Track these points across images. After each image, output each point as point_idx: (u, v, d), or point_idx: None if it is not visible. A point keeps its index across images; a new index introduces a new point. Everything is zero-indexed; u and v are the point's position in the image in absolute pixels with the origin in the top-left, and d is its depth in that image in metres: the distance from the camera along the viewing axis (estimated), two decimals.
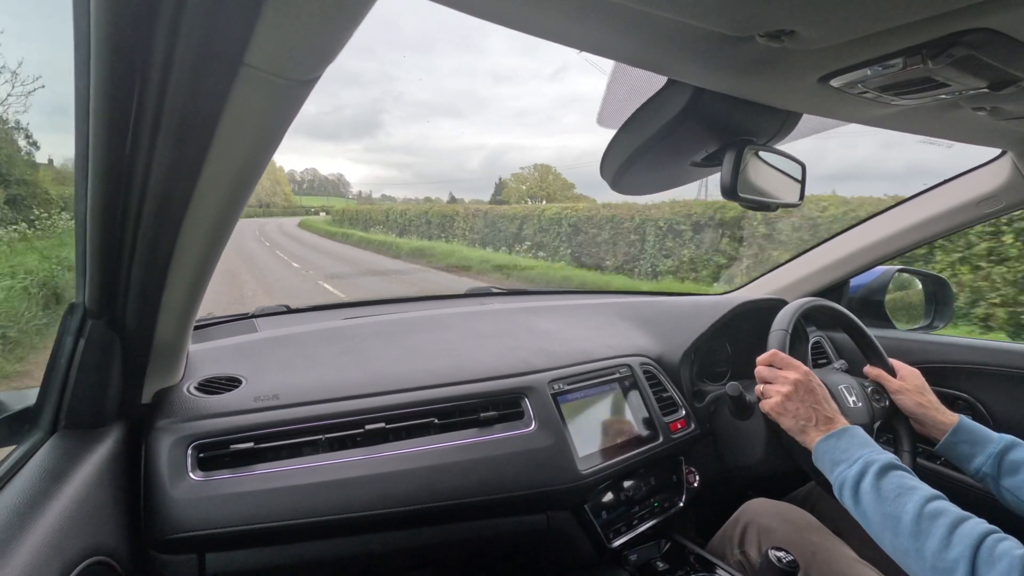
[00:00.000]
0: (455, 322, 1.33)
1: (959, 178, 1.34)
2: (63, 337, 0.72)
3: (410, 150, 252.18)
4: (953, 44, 0.54)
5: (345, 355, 1.10)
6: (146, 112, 0.46)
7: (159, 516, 0.78)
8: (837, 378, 1.10)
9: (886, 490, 0.78)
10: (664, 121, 0.75)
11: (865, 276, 1.61)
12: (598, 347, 1.27)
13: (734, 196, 0.79)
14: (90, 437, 0.73)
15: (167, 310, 0.72)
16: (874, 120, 0.84)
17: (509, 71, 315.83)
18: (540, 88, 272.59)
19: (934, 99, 0.68)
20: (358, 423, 0.92)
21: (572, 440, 1.04)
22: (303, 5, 0.39)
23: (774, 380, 0.98)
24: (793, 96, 0.72)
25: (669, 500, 1.20)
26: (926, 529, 0.72)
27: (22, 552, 0.53)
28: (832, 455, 0.87)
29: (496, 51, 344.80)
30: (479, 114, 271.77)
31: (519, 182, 43.81)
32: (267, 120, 0.51)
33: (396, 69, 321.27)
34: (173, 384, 0.91)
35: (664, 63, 0.64)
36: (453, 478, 0.92)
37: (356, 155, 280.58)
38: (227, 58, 0.43)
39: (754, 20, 0.50)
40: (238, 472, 0.83)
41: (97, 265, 0.63)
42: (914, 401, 1.06)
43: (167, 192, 0.54)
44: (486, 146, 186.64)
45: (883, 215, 1.49)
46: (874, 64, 0.59)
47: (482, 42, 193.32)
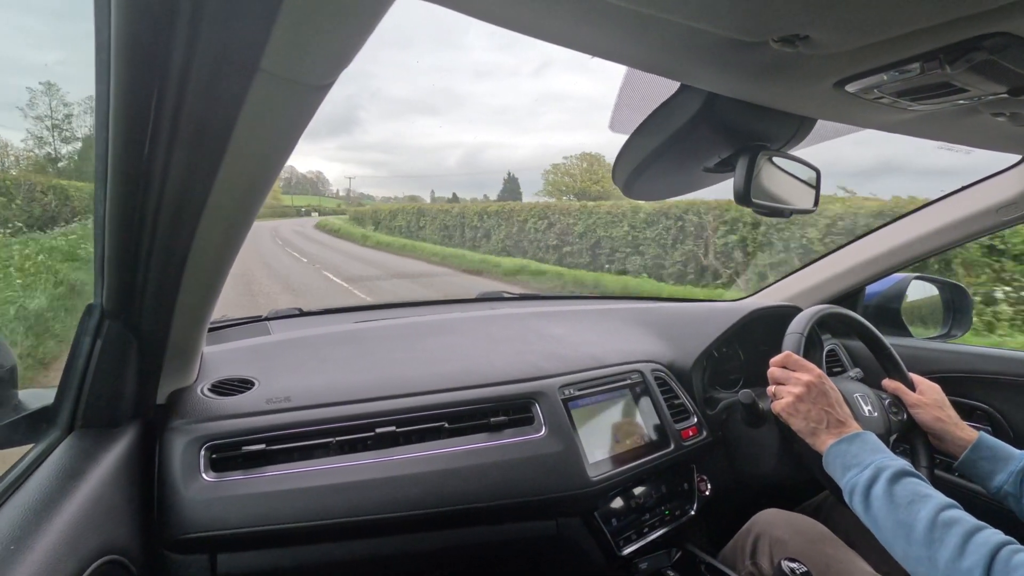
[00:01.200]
0: (466, 326, 1.33)
1: (977, 184, 1.32)
2: (81, 338, 0.73)
3: (386, 148, 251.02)
4: (972, 49, 0.53)
5: (357, 358, 1.10)
6: (164, 117, 0.47)
7: (172, 516, 0.79)
8: (852, 386, 1.08)
9: (899, 496, 0.77)
10: (677, 126, 0.75)
11: (881, 283, 1.59)
12: (609, 352, 1.26)
13: (747, 202, 0.78)
14: (106, 437, 0.74)
15: (182, 311, 0.73)
16: (890, 125, 0.83)
17: (488, 67, 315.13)
18: (520, 85, 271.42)
19: (952, 104, 0.67)
20: (369, 426, 0.92)
21: (582, 446, 1.03)
22: (317, 11, 0.40)
23: (786, 381, 0.97)
24: (808, 101, 0.72)
25: (680, 508, 1.19)
26: (940, 537, 0.70)
27: (39, 549, 0.53)
28: (843, 459, 0.85)
29: (476, 47, 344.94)
30: (457, 111, 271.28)
31: (561, 174, 33.78)
32: (282, 124, 0.51)
33: (373, 65, 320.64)
34: (187, 385, 0.92)
35: (676, 68, 0.64)
36: (462, 483, 0.92)
37: (331, 153, 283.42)
38: (243, 64, 0.43)
39: (768, 25, 0.50)
40: (250, 473, 0.84)
41: (114, 267, 0.64)
42: (933, 416, 1.04)
43: (183, 195, 0.55)
44: (463, 144, 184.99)
45: (899, 222, 1.47)
46: (891, 69, 0.58)
47: (461, 38, 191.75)
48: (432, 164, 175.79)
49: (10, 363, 0.75)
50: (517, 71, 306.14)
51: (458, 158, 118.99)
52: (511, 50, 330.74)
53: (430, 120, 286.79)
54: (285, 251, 18.10)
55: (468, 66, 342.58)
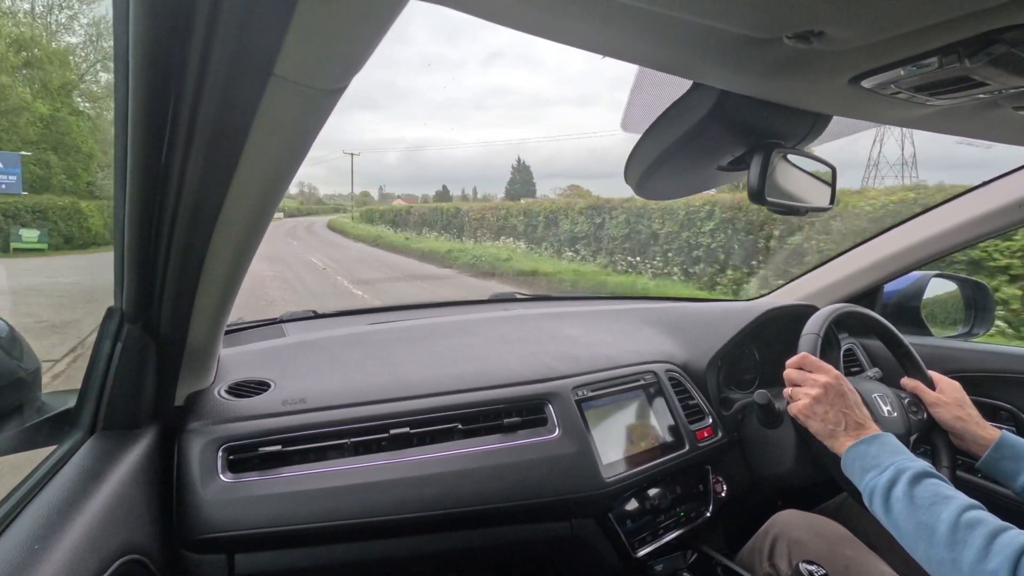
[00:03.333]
0: (479, 328, 1.33)
1: (999, 180, 1.29)
2: (102, 341, 0.74)
3: (324, 144, 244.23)
4: (992, 42, 0.52)
5: (371, 360, 1.11)
6: (181, 123, 0.48)
7: (190, 516, 0.80)
8: (871, 386, 1.06)
9: (920, 498, 0.75)
10: (689, 125, 0.74)
11: (900, 282, 1.56)
12: (623, 353, 1.26)
13: (761, 200, 0.78)
14: (126, 438, 0.75)
15: (199, 314, 0.74)
16: (908, 121, 0.81)
17: (433, 59, 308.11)
18: (464, 80, 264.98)
19: (972, 99, 0.66)
20: (383, 427, 0.93)
21: (596, 447, 1.03)
22: (330, 17, 0.40)
23: (803, 383, 0.96)
24: (823, 98, 0.71)
25: (696, 510, 1.18)
26: (963, 539, 0.69)
27: (62, 548, 0.55)
28: (862, 462, 0.84)
29: (419, 40, 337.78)
30: (399, 106, 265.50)
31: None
32: (296, 128, 0.52)
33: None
34: (205, 387, 0.93)
35: (689, 66, 0.64)
36: (476, 484, 0.92)
37: None
38: (257, 69, 0.44)
39: (781, 22, 0.49)
40: (266, 474, 0.85)
41: (133, 270, 0.65)
42: (953, 415, 1.02)
43: (200, 199, 0.56)
44: (404, 139, 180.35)
45: (919, 218, 1.44)
46: (908, 64, 0.57)
47: (404, 29, 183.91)
48: (372, 160, 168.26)
49: (34, 366, 0.76)
50: (462, 65, 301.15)
51: (399, 154, 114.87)
52: (455, 44, 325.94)
53: (371, 115, 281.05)
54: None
55: (411, 59, 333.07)
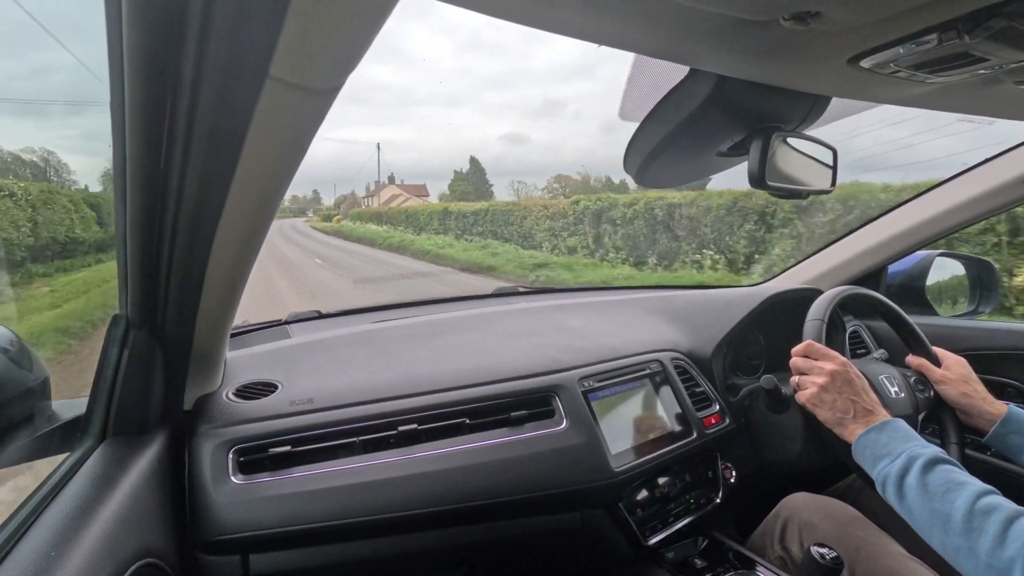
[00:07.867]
0: (483, 322, 1.33)
1: (1001, 156, 1.28)
2: (109, 348, 0.75)
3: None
4: (991, 16, 0.51)
5: (376, 358, 1.11)
6: (178, 128, 0.48)
7: (204, 518, 0.80)
8: (877, 368, 1.06)
9: (933, 485, 0.75)
10: (688, 112, 0.74)
11: (904, 262, 1.56)
12: (627, 343, 1.26)
13: (762, 185, 0.77)
14: (137, 443, 0.76)
15: (204, 318, 0.74)
16: (909, 100, 0.81)
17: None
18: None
19: (972, 75, 0.65)
20: (391, 425, 0.93)
21: (604, 438, 1.03)
22: (323, 16, 0.40)
23: (810, 371, 0.95)
24: (821, 79, 0.70)
25: (705, 496, 1.18)
26: (979, 526, 0.69)
27: (79, 554, 0.55)
28: (873, 450, 0.84)
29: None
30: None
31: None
32: (293, 129, 0.52)
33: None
34: (212, 391, 0.94)
35: (685, 53, 0.63)
36: (485, 478, 0.92)
37: None
38: (253, 72, 0.44)
39: (777, 3, 0.49)
40: (277, 475, 0.85)
41: (137, 277, 0.65)
42: (959, 391, 1.02)
43: (200, 203, 0.56)
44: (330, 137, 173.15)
45: (921, 198, 1.43)
46: (907, 42, 0.57)
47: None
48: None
49: (43, 375, 0.77)
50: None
51: (329, 153, 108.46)
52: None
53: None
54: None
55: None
